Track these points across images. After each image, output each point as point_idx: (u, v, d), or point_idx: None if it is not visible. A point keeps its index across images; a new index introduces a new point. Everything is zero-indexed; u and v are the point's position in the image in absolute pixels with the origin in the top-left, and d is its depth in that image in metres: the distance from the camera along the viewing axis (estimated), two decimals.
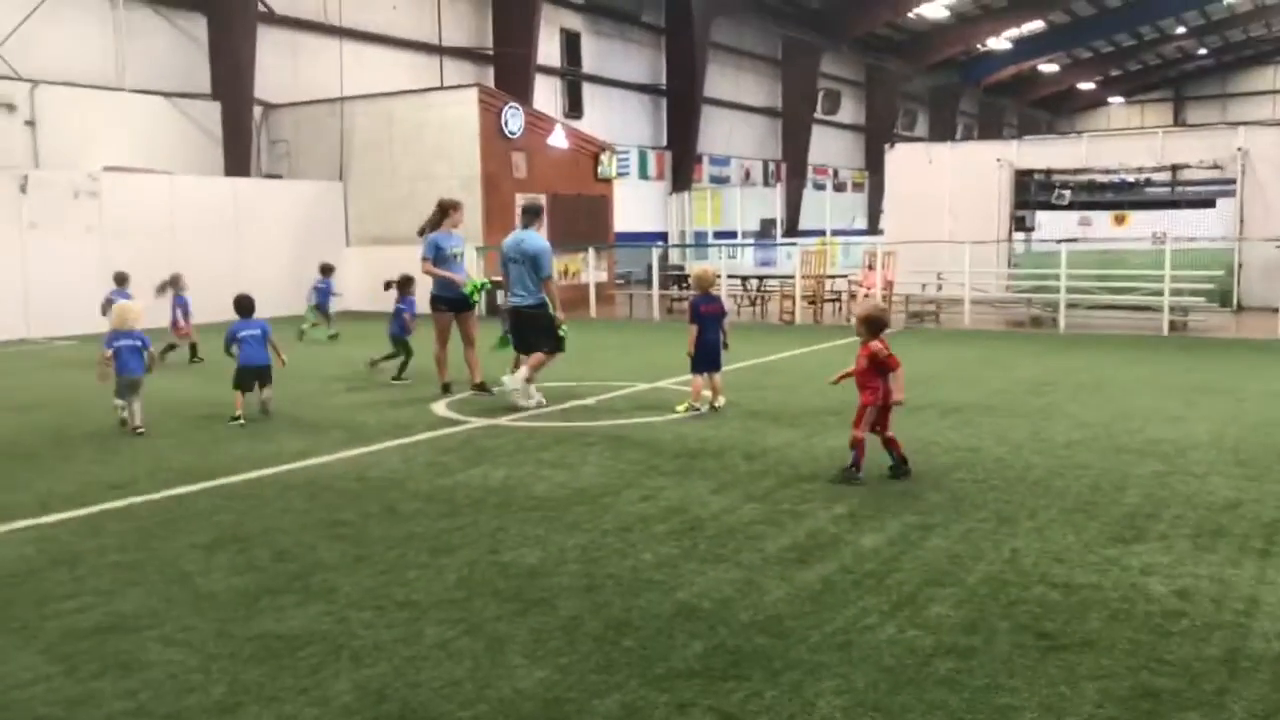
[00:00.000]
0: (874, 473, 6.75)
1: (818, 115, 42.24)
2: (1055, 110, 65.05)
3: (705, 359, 9.31)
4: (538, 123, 22.86)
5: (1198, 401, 9.50)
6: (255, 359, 9.18)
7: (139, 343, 8.82)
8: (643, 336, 16.72)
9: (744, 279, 21.97)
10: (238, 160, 21.53)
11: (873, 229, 39.18)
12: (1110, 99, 65.71)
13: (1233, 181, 19.97)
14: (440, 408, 9.73)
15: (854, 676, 3.72)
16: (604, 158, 24.26)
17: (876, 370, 6.64)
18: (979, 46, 47.59)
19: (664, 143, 34.45)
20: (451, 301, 10.52)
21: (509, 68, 27.48)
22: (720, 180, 36.80)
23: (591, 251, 21.21)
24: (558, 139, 23.13)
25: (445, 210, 10.75)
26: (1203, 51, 59.14)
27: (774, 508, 6.01)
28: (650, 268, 20.66)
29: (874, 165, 39.38)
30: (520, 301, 9.73)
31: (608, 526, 5.66)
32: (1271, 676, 3.67)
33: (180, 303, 13.61)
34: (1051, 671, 3.75)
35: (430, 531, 5.63)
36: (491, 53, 27.86)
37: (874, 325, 6.80)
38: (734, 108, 38.49)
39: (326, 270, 16.78)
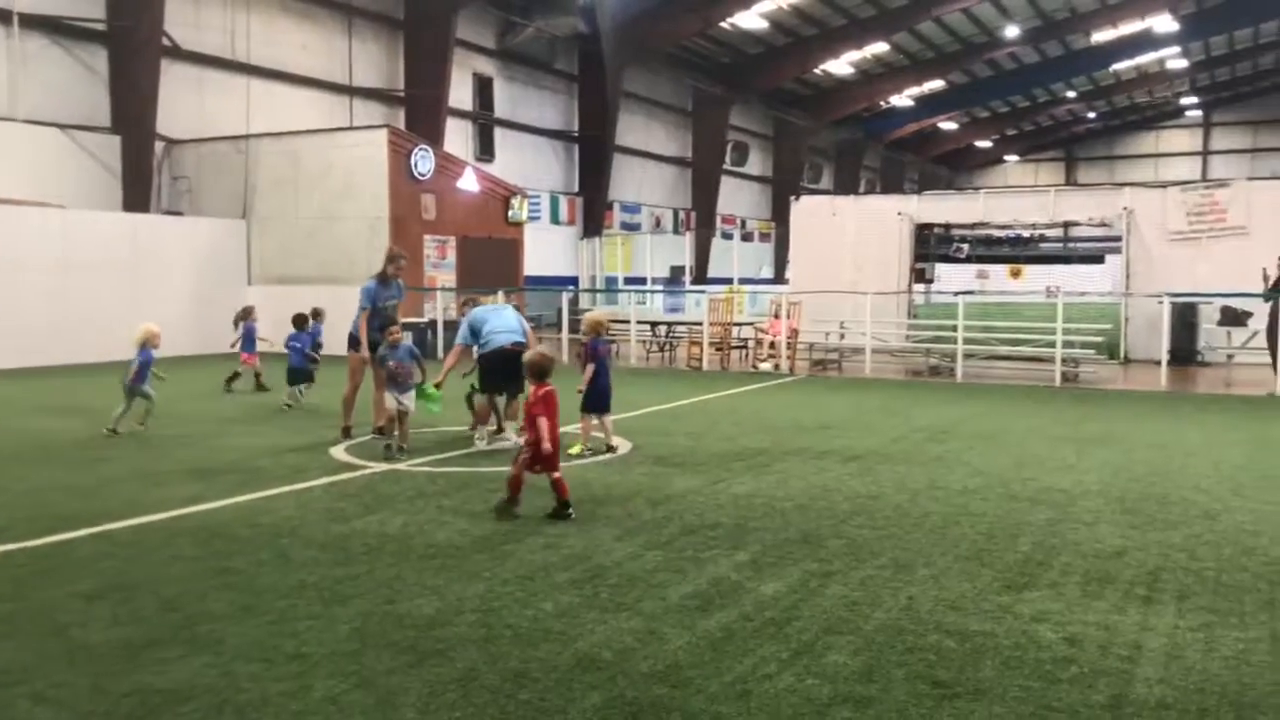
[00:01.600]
0: (771, 521, 6.81)
1: (726, 166, 43.00)
2: (955, 166, 67.34)
3: (599, 401, 9.46)
4: (448, 165, 22.79)
5: (1088, 451, 9.81)
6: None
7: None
8: (556, 382, 16.61)
9: (653, 325, 22.09)
10: (137, 196, 20.96)
11: (779, 278, 39.92)
12: (1007, 157, 68.30)
13: (1119, 239, 20.85)
14: (339, 452, 9.52)
15: None
16: (515, 201, 24.27)
17: (536, 415, 6.87)
18: (882, 103, 49.10)
19: (576, 188, 34.65)
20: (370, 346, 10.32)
21: (420, 110, 27.41)
22: (631, 227, 37.12)
23: (501, 295, 21.09)
24: (468, 182, 23.08)
25: (389, 258, 10.56)
26: (1091, 115, 61.96)
27: (677, 555, 6.00)
28: (560, 312, 20.62)
29: (780, 216, 40.19)
30: (513, 339, 9.84)
31: (508, 575, 5.58)
32: None
33: (247, 331, 14.45)
34: None
35: (324, 580, 5.48)
36: (403, 94, 27.76)
37: (537, 371, 7.17)
38: (645, 156, 38.96)
39: (300, 322, 14.01)
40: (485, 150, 30.82)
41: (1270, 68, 57.59)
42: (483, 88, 30.91)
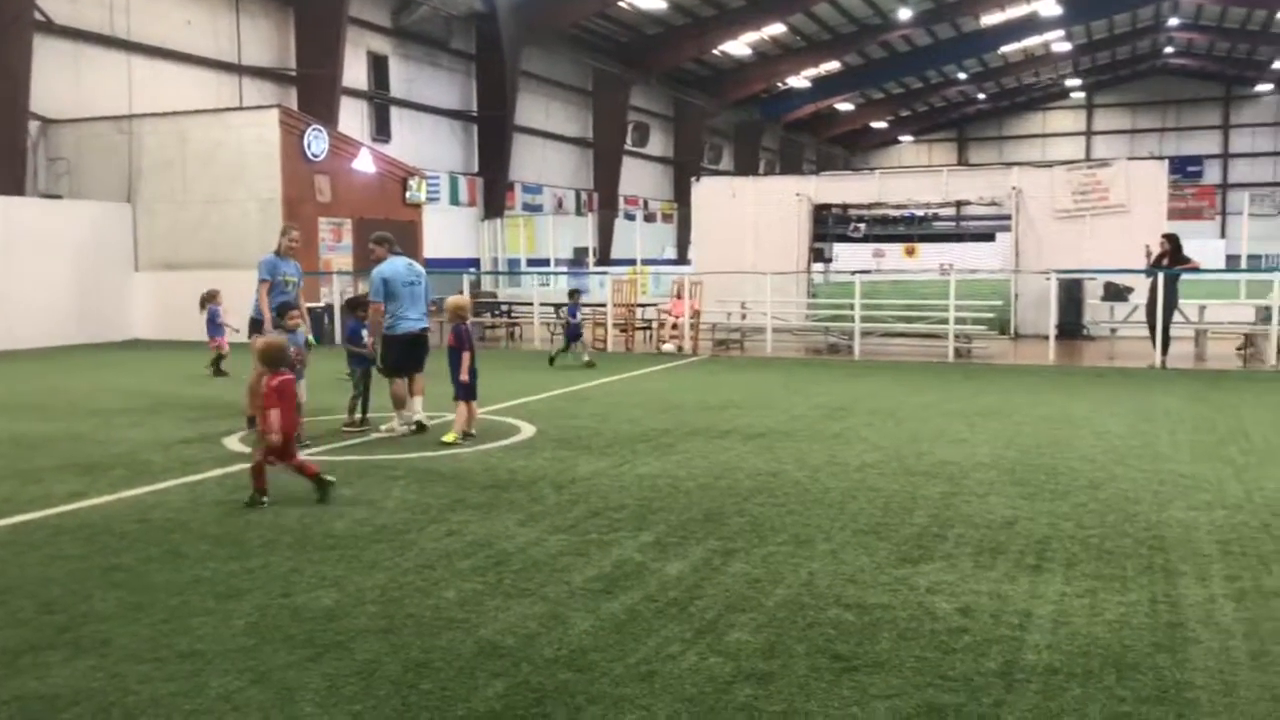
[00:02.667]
0: (675, 501, 6.85)
1: (628, 146, 42.98)
2: (851, 147, 68.52)
3: (474, 387, 9.40)
4: (343, 146, 22.27)
5: (980, 424, 10.09)
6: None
7: None
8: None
9: (557, 307, 21.99)
10: (10, 178, 19.97)
11: (682, 259, 40.13)
12: (901, 137, 69.75)
13: (1008, 217, 21.47)
14: (233, 442, 9.26)
15: (656, 708, 3.73)
16: (413, 182, 23.86)
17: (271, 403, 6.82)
18: (780, 84, 49.63)
19: (476, 169, 34.23)
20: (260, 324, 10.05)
21: (313, 89, 26.70)
22: (533, 208, 36.84)
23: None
24: (364, 163, 22.61)
25: (281, 231, 10.24)
26: (981, 96, 63.64)
27: (581, 538, 5.99)
28: (462, 294, 20.39)
29: (682, 197, 40.35)
30: (421, 325, 9.81)
31: (409, 564, 5.50)
32: (1042, 687, 3.89)
33: (211, 314, 14.63)
34: (845, 693, 3.86)
35: (218, 575, 5.32)
36: (295, 74, 27.01)
37: (270, 359, 7.02)
38: (546, 136, 38.69)
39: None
40: (382, 131, 30.22)
41: (1146, 52, 59.95)
42: (378, 67, 30.27)
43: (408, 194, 23.70)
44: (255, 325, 10.14)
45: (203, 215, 20.48)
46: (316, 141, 21.03)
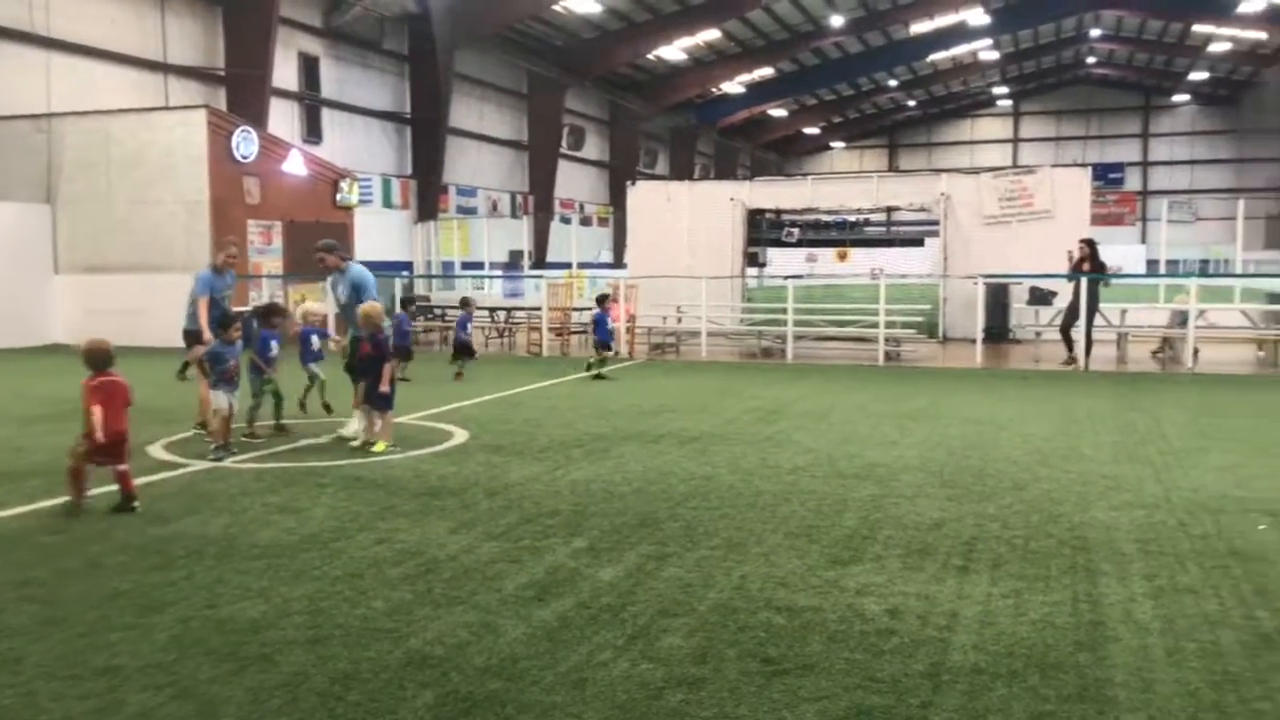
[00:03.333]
0: (609, 506, 6.84)
1: (563, 150, 42.90)
2: (785, 153, 69.13)
3: (392, 398, 9.15)
4: (273, 147, 21.90)
5: (909, 427, 10.24)
6: None
7: None
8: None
9: (492, 310, 21.87)
10: None
11: (618, 263, 40.12)
12: (833, 143, 70.54)
13: (937, 223, 21.84)
14: (158, 450, 9.04)
15: (587, 715, 3.71)
16: (344, 184, 23.55)
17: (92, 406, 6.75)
18: (714, 90, 49.91)
19: (409, 171, 33.89)
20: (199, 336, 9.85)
21: (242, 90, 26.20)
22: (467, 211, 36.59)
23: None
24: (294, 164, 22.25)
25: (220, 247, 9.99)
26: (911, 103, 64.65)
27: (514, 545, 5.95)
28: (394, 298, 20.16)
29: (618, 201, 40.41)
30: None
31: (338, 573, 5.41)
32: (968, 688, 3.95)
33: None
34: (775, 696, 3.88)
35: (139, 588, 5.19)
36: (223, 73, 26.49)
37: (94, 360, 6.95)
38: (480, 139, 38.45)
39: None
40: (313, 132, 29.77)
41: (1070, 62, 61.44)
42: (309, 67, 29.81)
43: (339, 196, 23.38)
44: (192, 337, 9.92)
45: (127, 217, 19.98)
46: (245, 143, 20.65)
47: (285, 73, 28.46)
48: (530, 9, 34.23)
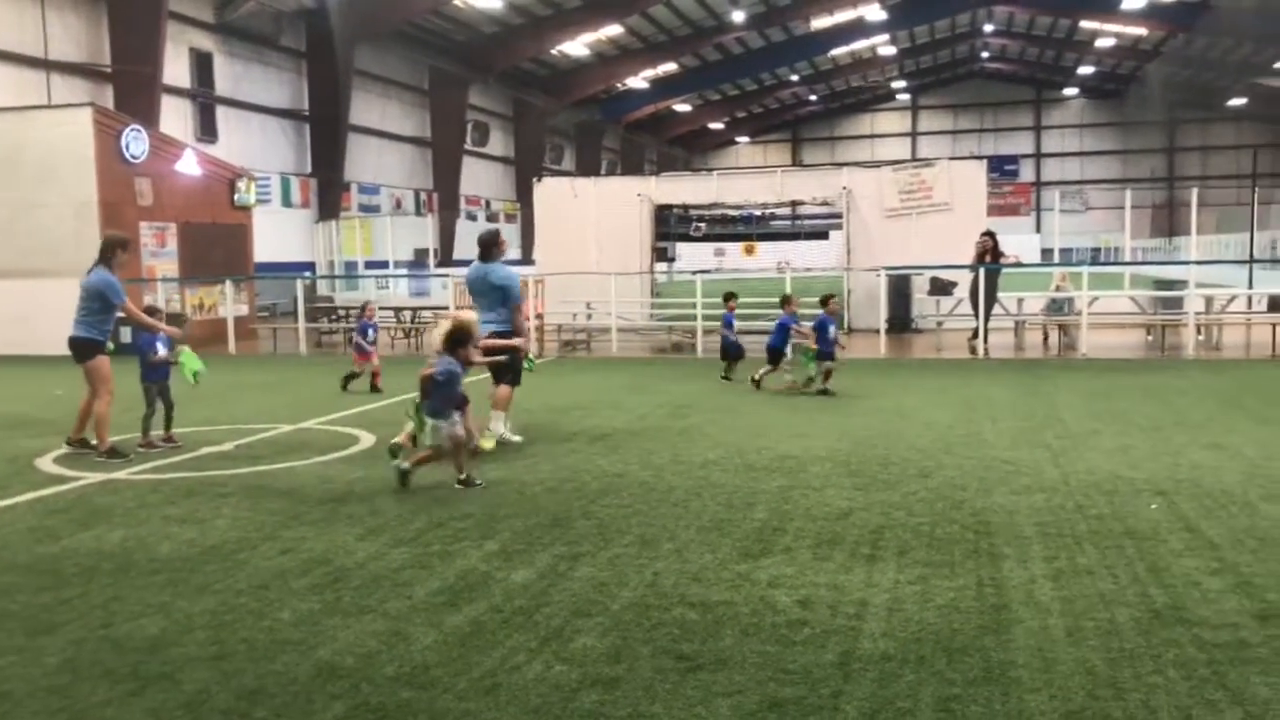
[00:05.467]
0: (521, 507, 6.79)
1: (468, 146, 42.50)
2: (691, 148, 69.57)
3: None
4: (165, 147, 21.23)
5: (816, 418, 10.39)
6: None
7: None
8: (288, 373, 15.91)
9: (397, 310, 21.54)
10: None
11: (526, 259, 39.89)
12: (738, 138, 71.24)
13: (840, 216, 22.19)
14: (46, 463, 8.69)
15: None
16: (241, 184, 22.95)
17: None
18: (619, 85, 49.98)
19: (309, 169, 33.21)
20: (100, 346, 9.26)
21: (131, 87, 25.34)
22: (370, 209, 35.99)
23: (229, 283, 19.97)
24: (188, 164, 21.61)
25: (113, 247, 9.16)
26: (813, 98, 65.64)
27: (424, 550, 5.86)
28: (297, 299, 19.73)
29: (525, 197, 40.17)
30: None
31: (242, 586, 5.26)
32: (878, 675, 4.02)
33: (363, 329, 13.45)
34: (690, 693, 3.89)
35: (28, 608, 4.97)
36: (110, 70, 25.57)
37: None
38: (383, 136, 37.87)
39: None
40: (207, 131, 28.96)
41: (965, 56, 63.06)
42: (202, 64, 28.98)
43: (236, 196, 22.79)
44: (95, 346, 9.26)
45: (9, 220, 19.16)
46: (135, 142, 19.98)
47: (176, 70, 27.63)
48: (430, 4, 33.83)
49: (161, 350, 9.36)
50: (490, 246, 9.46)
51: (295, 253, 31.39)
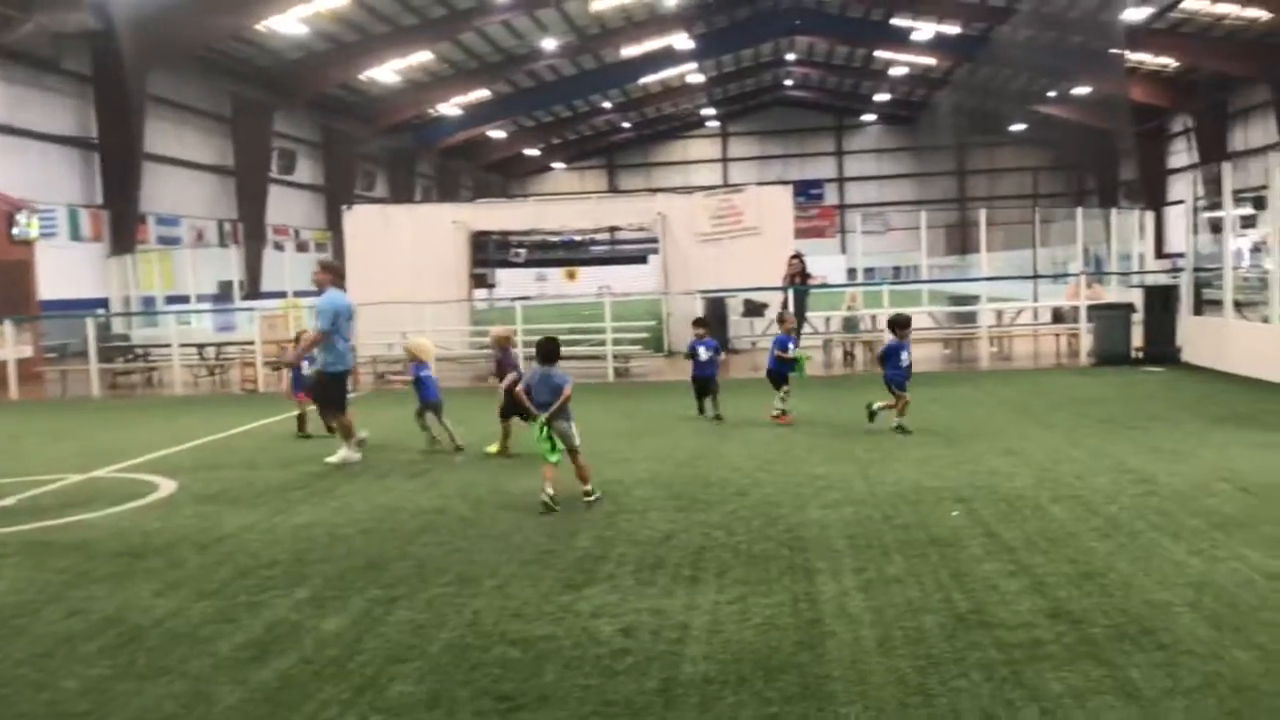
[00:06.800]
0: (334, 551, 6.53)
1: (274, 174, 41.02)
2: (507, 174, 69.36)
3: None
4: None
5: (639, 442, 10.45)
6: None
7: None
8: (79, 418, 14.85)
9: (200, 347, 20.49)
10: None
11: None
12: (554, 164, 71.49)
13: (657, 241, 22.54)
14: None
15: None
16: (21, 217, 21.41)
17: None
18: (431, 111, 49.39)
19: (100, 200, 31.26)
20: None
21: None
22: (170, 241, 34.23)
23: (8, 324, 18.54)
24: None
25: None
26: (627, 125, 66.62)
27: (229, 602, 5.55)
28: (88, 339, 18.47)
29: (336, 225, 39.03)
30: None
31: (21, 655, 4.83)
32: (699, 699, 4.03)
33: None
34: None
35: None
36: None
37: None
38: (181, 165, 36.09)
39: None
40: None
41: (770, 84, 65.44)
42: None
43: (15, 230, 21.26)
44: None
45: None
46: None
47: None
48: (230, 29, 32.53)
49: None
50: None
51: (87, 289, 29.43)
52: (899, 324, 11.00)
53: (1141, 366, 15.57)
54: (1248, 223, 28.68)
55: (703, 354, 12.05)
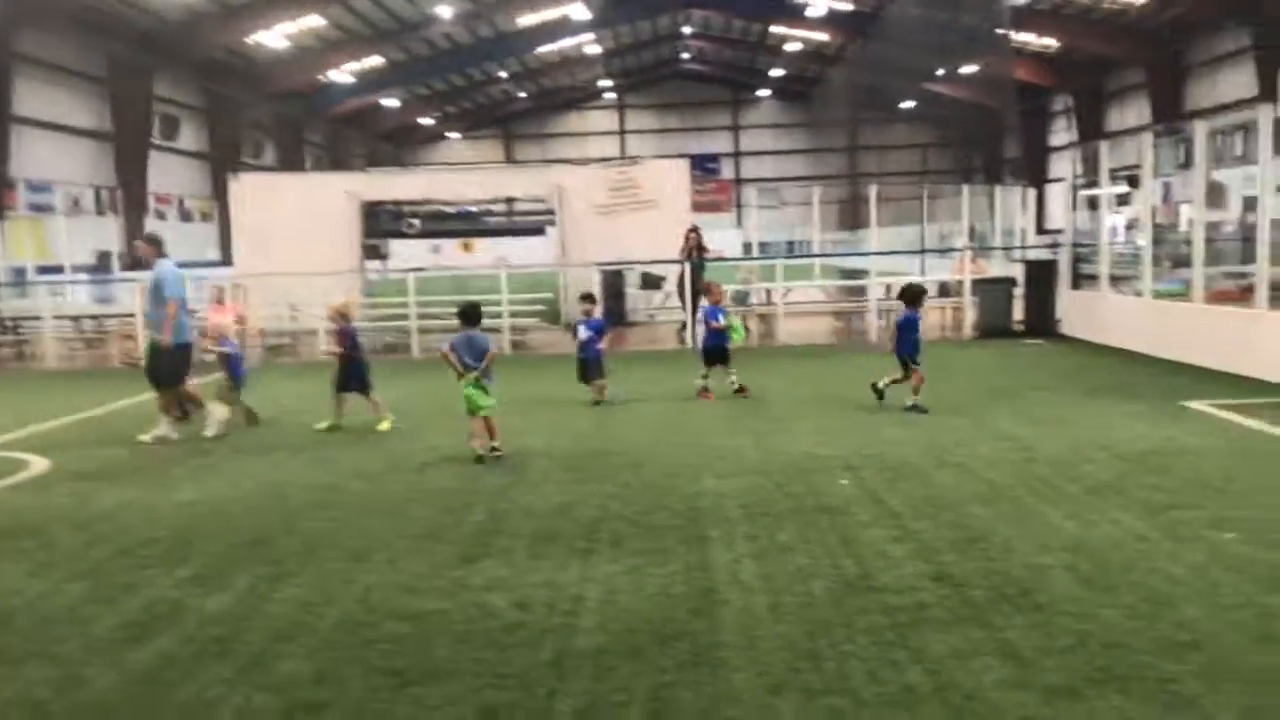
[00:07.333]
0: (218, 527, 6.35)
1: (155, 140, 39.40)
2: (400, 143, 67.92)
3: None
4: None
5: (535, 414, 10.38)
6: None
7: None
8: None
9: (75, 319, 19.64)
10: None
11: (226, 260, 37.55)
12: (449, 134, 70.28)
13: (554, 213, 22.37)
14: None
15: None
16: None
17: None
18: (322, 78, 48.03)
19: None
20: None
21: None
22: (42, 208, 32.58)
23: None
24: None
25: None
26: (523, 95, 65.88)
27: (105, 582, 5.34)
28: None
29: (222, 194, 37.75)
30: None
31: None
32: (593, 670, 4.04)
33: None
34: (403, 709, 3.76)
35: None
36: None
37: None
38: (54, 129, 34.34)
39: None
40: None
41: (667, 57, 65.43)
42: None
43: None
44: None
45: None
46: None
47: None
48: None
49: None
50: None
51: None
52: (913, 295, 10.12)
53: (1022, 339, 16.12)
54: (1123, 200, 29.85)
55: (582, 333, 11.39)
